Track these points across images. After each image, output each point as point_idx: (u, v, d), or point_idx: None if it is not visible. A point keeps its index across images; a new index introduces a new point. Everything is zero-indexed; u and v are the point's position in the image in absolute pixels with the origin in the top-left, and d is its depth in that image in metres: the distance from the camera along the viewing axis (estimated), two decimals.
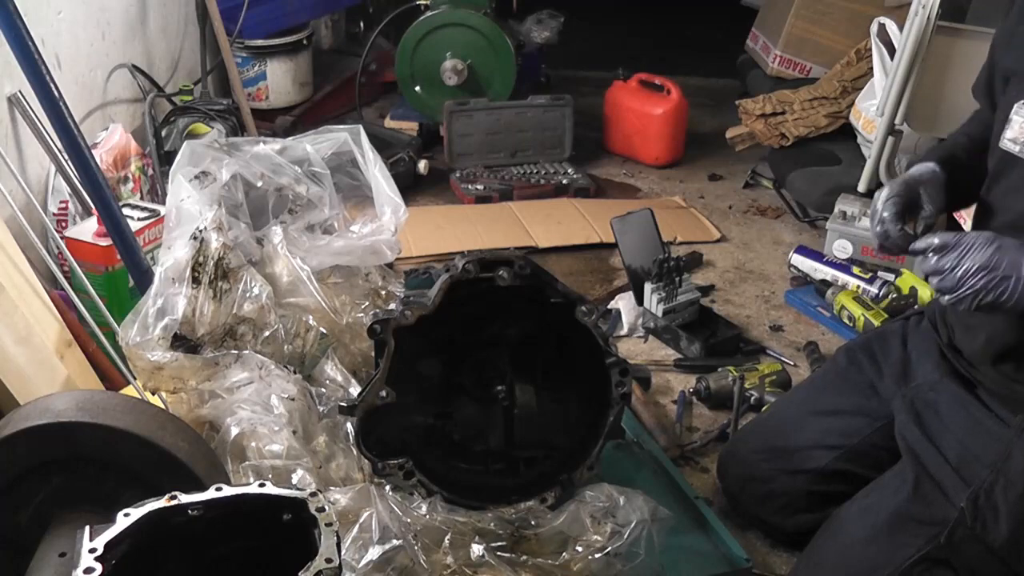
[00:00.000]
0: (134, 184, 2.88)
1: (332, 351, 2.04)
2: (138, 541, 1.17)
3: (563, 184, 3.62)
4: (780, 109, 3.56)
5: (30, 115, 2.43)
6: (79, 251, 2.34)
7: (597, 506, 1.76)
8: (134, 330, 1.87)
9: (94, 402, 1.50)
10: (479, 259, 1.73)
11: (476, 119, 3.72)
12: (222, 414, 1.82)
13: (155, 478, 1.43)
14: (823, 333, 2.82)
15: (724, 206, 3.61)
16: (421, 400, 1.84)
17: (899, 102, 2.86)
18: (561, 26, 4.09)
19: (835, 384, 2.01)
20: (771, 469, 1.99)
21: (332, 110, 4.14)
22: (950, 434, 1.73)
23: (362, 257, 2.15)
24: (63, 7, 2.74)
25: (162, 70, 3.48)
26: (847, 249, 3.03)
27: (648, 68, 3.99)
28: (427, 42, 3.79)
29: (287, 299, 2.03)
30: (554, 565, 1.69)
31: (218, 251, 1.96)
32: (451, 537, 1.69)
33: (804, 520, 1.93)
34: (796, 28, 3.88)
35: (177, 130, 3.15)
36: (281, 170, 2.13)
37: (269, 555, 1.24)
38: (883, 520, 1.72)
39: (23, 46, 2.00)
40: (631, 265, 2.79)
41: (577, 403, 1.89)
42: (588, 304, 1.77)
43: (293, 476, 1.74)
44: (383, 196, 2.18)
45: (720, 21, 4.81)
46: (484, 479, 1.87)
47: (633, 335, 2.78)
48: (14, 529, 1.47)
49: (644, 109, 3.88)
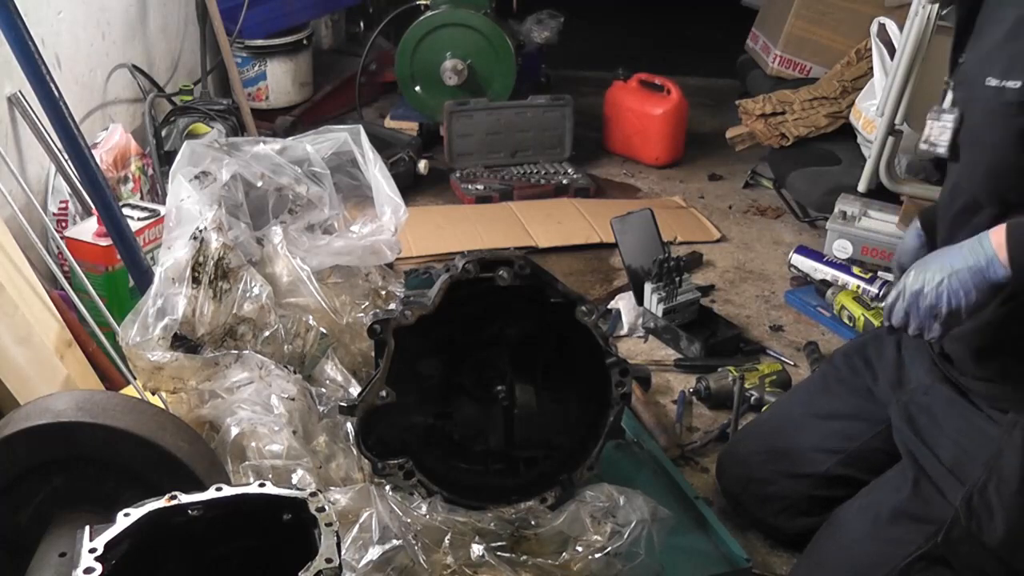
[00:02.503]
0: (134, 184, 2.88)
1: (332, 351, 2.04)
2: (138, 541, 1.17)
3: (563, 184, 3.62)
4: (780, 109, 3.56)
5: (30, 115, 2.43)
6: (79, 251, 2.34)
7: (597, 506, 1.76)
8: (134, 330, 1.87)
9: (94, 402, 1.49)
10: (479, 259, 1.73)
11: (476, 119, 3.72)
12: (222, 414, 1.82)
13: (155, 478, 1.43)
14: (823, 333, 2.83)
15: (724, 206, 3.61)
16: (421, 400, 1.84)
17: (899, 102, 2.86)
18: (561, 26, 4.09)
19: (834, 388, 2.02)
20: (772, 472, 2.00)
21: (332, 110, 4.14)
22: (944, 436, 1.74)
23: (362, 257, 2.15)
24: (63, 7, 2.74)
25: (162, 70, 3.48)
26: (847, 249, 3.02)
27: (648, 68, 3.99)
28: (427, 42, 3.79)
29: (287, 299, 2.03)
30: (554, 565, 1.69)
31: (218, 251, 1.96)
32: (451, 537, 1.69)
33: (805, 523, 1.93)
34: (796, 28, 3.88)
35: (177, 130, 3.16)
36: (281, 170, 2.13)
37: (269, 555, 1.24)
38: (883, 518, 1.73)
39: (23, 46, 2.00)
40: (631, 265, 2.79)
41: (577, 403, 1.89)
42: (588, 304, 1.76)
43: (293, 476, 1.74)
44: (383, 196, 2.18)
45: (720, 21, 4.81)
46: (484, 479, 1.87)
47: (633, 335, 2.78)
48: (14, 529, 1.47)
49: (644, 109, 3.88)
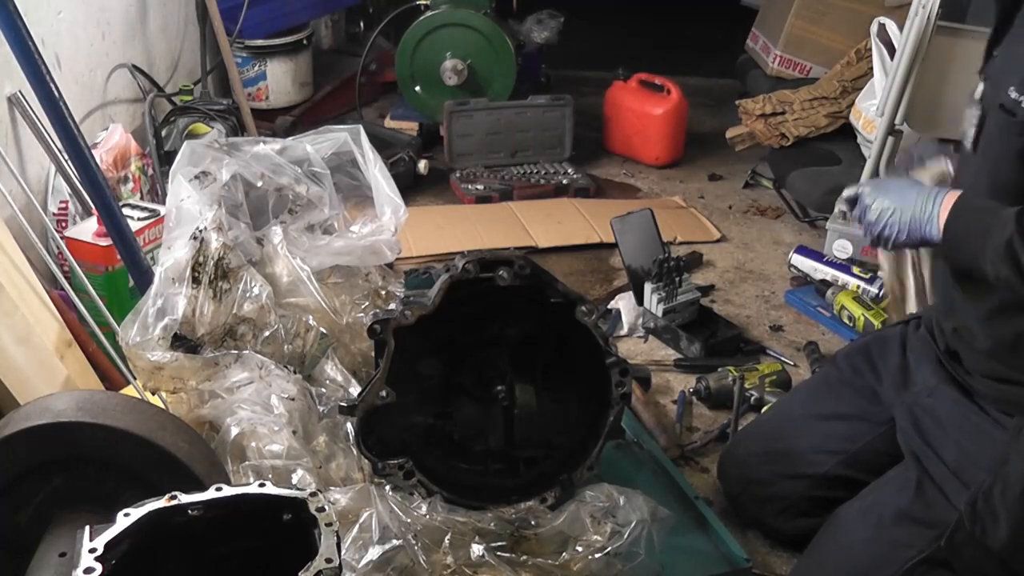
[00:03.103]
0: (134, 184, 2.88)
1: (332, 351, 2.04)
2: (138, 541, 1.17)
3: (563, 184, 3.61)
4: (780, 109, 3.56)
5: (30, 115, 2.43)
6: (79, 251, 2.34)
7: (597, 506, 1.76)
8: (134, 330, 1.87)
9: (94, 402, 1.50)
10: (479, 259, 1.73)
11: (476, 119, 3.71)
12: (222, 414, 1.82)
13: (155, 478, 1.43)
14: (823, 333, 2.82)
15: (724, 206, 3.61)
16: (421, 400, 1.84)
17: (899, 102, 2.86)
18: (561, 26, 4.09)
19: (836, 389, 2.01)
20: (772, 472, 1.99)
21: (332, 110, 4.14)
22: (948, 438, 1.73)
23: (362, 257, 2.15)
24: (63, 7, 2.74)
25: (162, 70, 3.47)
26: (847, 249, 3.02)
27: (648, 68, 3.98)
28: (427, 42, 3.79)
29: (287, 299, 2.03)
30: (554, 565, 1.69)
31: (218, 251, 1.96)
32: (451, 537, 1.69)
33: (805, 524, 1.93)
34: (796, 28, 3.87)
35: (177, 130, 3.15)
36: (281, 170, 2.13)
37: (269, 555, 1.24)
38: (885, 520, 1.72)
39: (23, 46, 2.00)
40: (631, 265, 2.79)
41: (577, 403, 1.89)
42: (588, 304, 1.76)
43: (293, 476, 1.74)
44: (383, 196, 2.18)
45: (720, 21, 4.81)
46: (484, 479, 1.87)
47: (633, 335, 2.77)
48: (14, 529, 1.47)
49: (644, 109, 3.88)
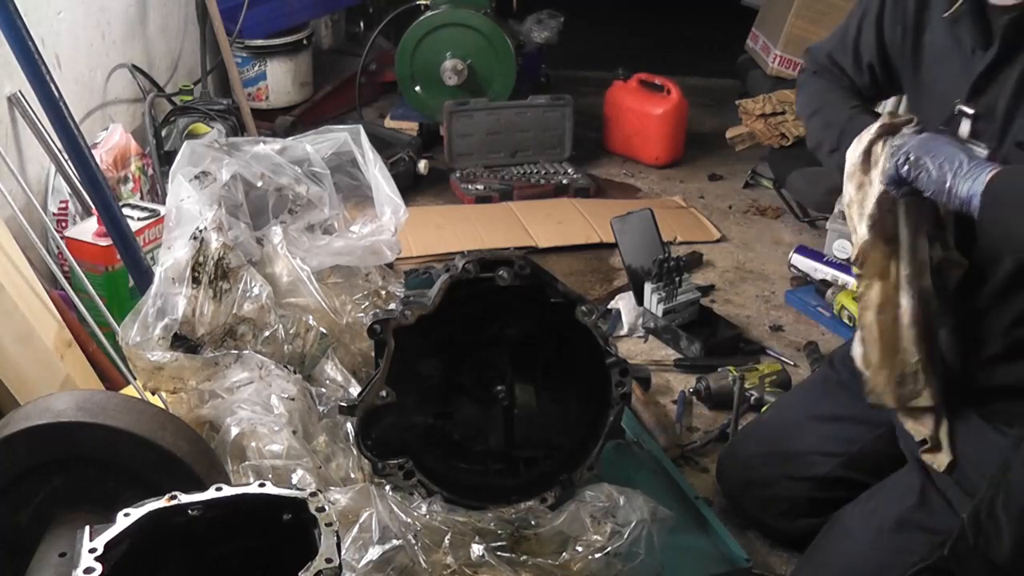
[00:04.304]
0: (134, 184, 2.88)
1: (332, 351, 2.04)
2: (138, 541, 1.17)
3: (563, 184, 3.61)
4: (780, 109, 3.55)
5: (30, 115, 2.43)
6: (79, 251, 2.34)
7: (597, 506, 1.75)
8: (134, 330, 1.87)
9: (94, 402, 1.49)
10: (479, 259, 1.73)
11: (476, 119, 3.71)
12: (222, 414, 1.82)
13: (155, 478, 1.43)
14: (823, 333, 2.82)
15: (724, 206, 3.61)
16: (421, 400, 1.84)
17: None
18: (561, 26, 4.09)
19: (834, 390, 2.00)
20: (772, 474, 1.99)
21: (332, 110, 4.14)
22: None
23: (362, 257, 2.15)
24: (63, 7, 2.74)
25: (162, 70, 3.47)
26: (847, 249, 3.02)
27: (648, 68, 3.98)
28: (427, 42, 3.79)
29: (287, 299, 2.03)
30: (554, 565, 1.68)
31: (218, 251, 1.95)
32: (451, 537, 1.68)
33: (806, 524, 1.93)
34: (796, 28, 3.87)
35: (177, 130, 3.15)
36: (281, 170, 2.13)
37: (269, 555, 1.24)
38: (888, 526, 1.71)
39: (23, 46, 2.00)
40: (631, 265, 2.79)
41: (577, 403, 1.88)
42: (588, 304, 1.76)
43: (293, 476, 1.74)
44: (383, 196, 2.18)
45: (720, 21, 4.80)
46: (484, 479, 1.87)
47: (633, 335, 2.77)
48: (14, 529, 1.47)
49: (644, 109, 3.88)
